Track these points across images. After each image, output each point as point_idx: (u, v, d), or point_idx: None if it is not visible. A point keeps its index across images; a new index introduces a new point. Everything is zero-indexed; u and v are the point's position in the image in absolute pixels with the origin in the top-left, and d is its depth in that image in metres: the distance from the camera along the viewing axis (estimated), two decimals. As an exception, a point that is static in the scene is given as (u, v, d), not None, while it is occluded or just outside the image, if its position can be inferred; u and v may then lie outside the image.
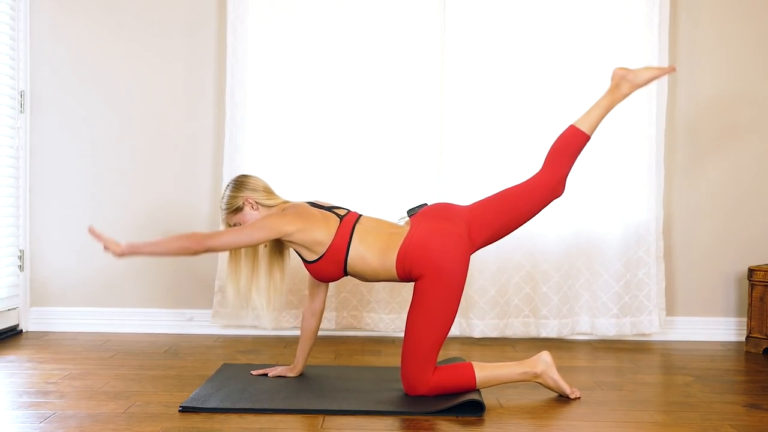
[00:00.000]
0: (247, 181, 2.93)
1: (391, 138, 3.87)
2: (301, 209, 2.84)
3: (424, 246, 2.73)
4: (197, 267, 3.93)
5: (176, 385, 2.96)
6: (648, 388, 3.03)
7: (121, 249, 2.67)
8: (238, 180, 2.94)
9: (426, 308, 2.71)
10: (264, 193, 2.91)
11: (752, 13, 3.95)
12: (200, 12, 3.96)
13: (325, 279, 2.88)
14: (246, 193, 2.88)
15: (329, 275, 2.85)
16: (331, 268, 2.81)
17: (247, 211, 2.87)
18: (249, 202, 2.87)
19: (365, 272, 2.81)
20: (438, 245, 2.72)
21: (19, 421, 2.50)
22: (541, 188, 2.86)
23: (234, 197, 2.89)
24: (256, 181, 2.94)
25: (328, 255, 2.79)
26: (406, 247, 2.75)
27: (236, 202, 2.88)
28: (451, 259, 2.71)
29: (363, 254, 2.78)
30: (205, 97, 3.97)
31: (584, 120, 2.90)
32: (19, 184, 3.95)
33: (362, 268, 2.80)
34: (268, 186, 2.97)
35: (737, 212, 3.97)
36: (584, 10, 3.84)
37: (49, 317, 3.99)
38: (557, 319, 3.86)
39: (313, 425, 2.49)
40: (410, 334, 2.72)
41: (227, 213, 2.91)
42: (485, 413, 2.61)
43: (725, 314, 3.98)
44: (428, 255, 2.71)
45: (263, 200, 2.89)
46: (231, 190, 2.91)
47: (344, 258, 2.79)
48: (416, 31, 3.86)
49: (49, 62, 3.97)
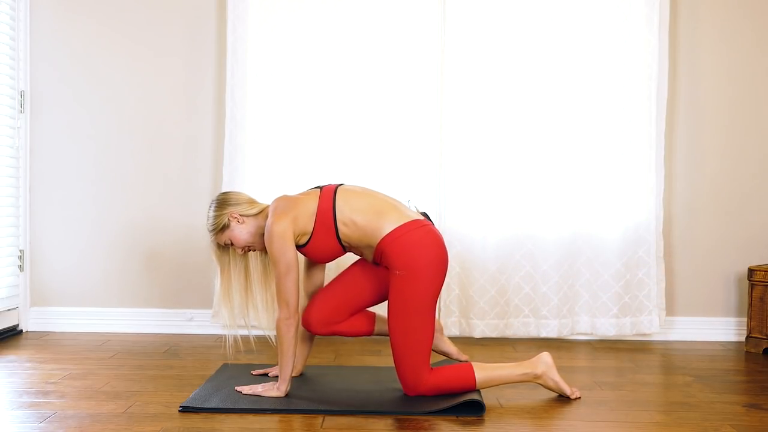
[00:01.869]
0: (228, 198, 2.90)
1: (391, 138, 3.87)
2: (281, 202, 2.81)
3: (412, 244, 2.71)
4: (197, 267, 3.94)
5: (176, 385, 2.96)
6: (648, 388, 3.03)
7: (284, 390, 2.75)
8: (220, 199, 2.90)
9: (405, 308, 2.68)
10: (247, 205, 2.88)
11: (752, 13, 3.95)
12: (200, 12, 3.96)
13: (324, 256, 2.85)
14: (229, 209, 2.85)
15: (327, 249, 2.82)
16: (325, 238, 2.78)
17: (234, 226, 2.85)
18: (233, 217, 2.84)
19: (353, 234, 2.77)
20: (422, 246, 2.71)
21: (19, 421, 2.50)
22: None
23: (219, 216, 2.85)
24: (238, 195, 2.92)
25: (318, 224, 2.77)
26: (406, 235, 2.71)
27: (222, 221, 2.85)
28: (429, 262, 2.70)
29: (349, 212, 2.76)
30: (205, 96, 3.97)
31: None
32: (19, 184, 3.95)
33: (351, 231, 2.76)
34: (250, 197, 2.94)
35: (737, 212, 3.98)
36: (584, 11, 3.84)
37: (49, 317, 3.99)
38: (557, 319, 3.86)
39: (313, 425, 2.49)
40: (396, 338, 2.70)
41: (215, 233, 2.87)
42: (485, 413, 2.61)
43: (725, 314, 3.98)
44: (409, 252, 2.69)
45: (247, 211, 2.86)
46: (214, 210, 2.87)
47: (333, 222, 2.76)
48: (416, 32, 3.86)
49: (49, 62, 3.97)
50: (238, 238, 2.85)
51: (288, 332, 2.72)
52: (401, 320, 2.69)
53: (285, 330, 2.72)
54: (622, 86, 3.83)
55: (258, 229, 2.85)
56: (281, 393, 2.75)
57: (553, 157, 3.86)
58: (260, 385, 2.81)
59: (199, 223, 3.89)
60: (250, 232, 2.85)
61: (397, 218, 2.75)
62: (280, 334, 2.73)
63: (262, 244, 2.87)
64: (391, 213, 2.76)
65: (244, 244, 2.86)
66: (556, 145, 3.85)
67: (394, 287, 2.70)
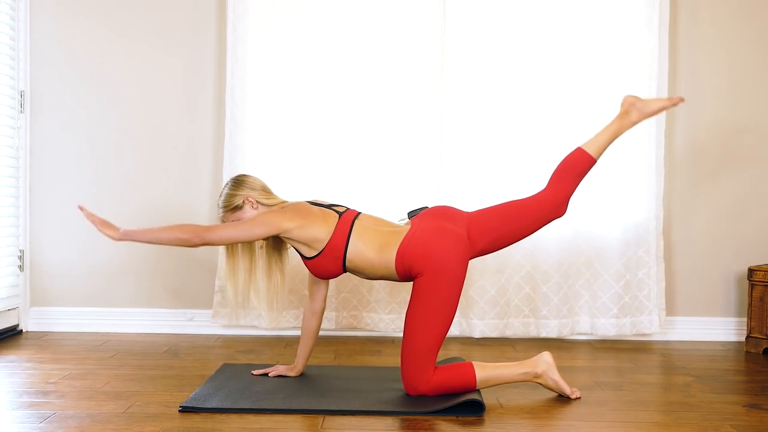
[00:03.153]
0: (245, 179, 2.93)
1: (392, 138, 3.87)
2: (300, 207, 2.85)
3: (424, 243, 2.73)
4: (197, 267, 3.94)
5: (176, 385, 2.96)
6: (648, 388, 3.03)
7: (118, 235, 2.72)
8: (237, 179, 2.94)
9: (425, 307, 2.71)
10: (262, 192, 2.91)
11: (752, 13, 3.95)
12: (200, 12, 3.96)
13: (324, 275, 2.88)
14: (245, 191, 2.88)
15: (328, 271, 2.85)
16: (329, 264, 2.81)
17: (247, 210, 2.87)
18: (249, 200, 2.87)
19: (364, 268, 2.81)
20: (438, 243, 2.72)
21: (19, 421, 2.50)
22: (544, 205, 2.89)
23: (233, 195, 2.88)
24: (255, 180, 2.95)
25: (327, 251, 2.79)
26: (407, 244, 2.75)
27: (235, 200, 2.87)
28: (451, 257, 2.72)
29: (362, 249, 2.78)
30: (205, 97, 3.97)
31: (592, 143, 2.94)
32: (19, 184, 3.95)
33: (361, 264, 2.80)
34: (266, 185, 2.97)
35: (737, 212, 3.97)
36: (584, 11, 3.84)
37: (49, 317, 3.99)
38: (557, 319, 3.86)
39: (313, 425, 2.49)
40: (409, 333, 2.72)
41: (225, 211, 2.90)
42: (485, 413, 2.61)
43: (725, 314, 3.98)
44: (428, 252, 2.71)
45: (262, 199, 2.89)
46: (230, 188, 2.91)
47: (343, 254, 2.79)
48: (416, 32, 3.86)
49: (49, 62, 3.97)
50: None
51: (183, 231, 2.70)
52: (420, 314, 2.70)
53: (185, 228, 2.71)
54: (622, 86, 3.82)
55: None
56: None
57: (553, 157, 3.85)
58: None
59: (199, 223, 3.89)
60: None
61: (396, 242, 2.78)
62: (177, 225, 2.73)
63: None
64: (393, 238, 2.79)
65: None
66: (556, 145, 3.84)
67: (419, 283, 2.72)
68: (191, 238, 2.70)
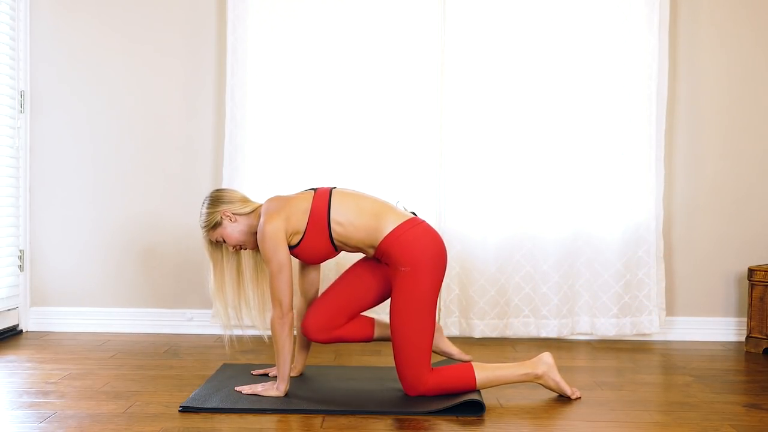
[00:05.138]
0: (222, 195, 2.90)
1: (392, 139, 3.87)
2: (274, 202, 2.83)
3: (423, 242, 2.73)
4: (197, 267, 3.93)
5: (176, 385, 2.96)
6: (648, 388, 3.03)
7: (283, 390, 2.76)
8: (213, 196, 2.90)
9: (412, 308, 2.69)
10: (240, 203, 2.88)
11: (752, 13, 3.95)
12: (200, 12, 3.96)
13: (315, 256, 2.86)
14: (222, 207, 2.85)
15: (318, 249, 2.82)
16: (317, 239, 2.79)
17: (227, 224, 2.85)
18: (226, 215, 2.84)
19: (349, 234, 2.78)
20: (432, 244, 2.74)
21: (19, 421, 2.50)
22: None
23: (211, 213, 2.86)
24: (232, 193, 2.92)
25: (311, 223, 2.77)
26: (407, 232, 2.73)
27: (214, 218, 2.85)
28: (435, 260, 2.73)
29: (346, 213, 2.77)
30: (205, 96, 3.97)
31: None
32: (19, 184, 3.95)
33: (347, 231, 2.77)
34: (244, 195, 2.94)
35: (737, 212, 3.97)
36: (584, 11, 3.84)
37: (49, 317, 3.99)
38: (557, 319, 3.86)
39: (313, 425, 2.49)
40: (398, 337, 2.70)
41: (207, 230, 2.87)
42: (485, 413, 2.61)
43: (725, 314, 3.98)
44: (424, 252, 2.71)
45: (240, 210, 2.86)
46: (207, 207, 2.88)
47: (327, 221, 2.76)
48: (416, 32, 3.86)
49: (49, 62, 3.97)
50: (230, 237, 2.85)
51: (282, 331, 2.72)
52: (405, 317, 2.69)
53: (279, 329, 2.72)
54: (622, 86, 3.82)
55: (250, 228, 2.85)
56: (280, 393, 2.75)
57: (553, 157, 3.86)
58: (260, 385, 2.81)
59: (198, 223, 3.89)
60: (242, 230, 2.85)
61: (395, 218, 2.77)
62: (274, 333, 2.74)
63: (253, 243, 2.87)
64: (389, 213, 2.79)
65: (236, 242, 2.86)
66: (556, 145, 3.85)
67: (398, 284, 2.71)
68: (287, 324, 2.73)
